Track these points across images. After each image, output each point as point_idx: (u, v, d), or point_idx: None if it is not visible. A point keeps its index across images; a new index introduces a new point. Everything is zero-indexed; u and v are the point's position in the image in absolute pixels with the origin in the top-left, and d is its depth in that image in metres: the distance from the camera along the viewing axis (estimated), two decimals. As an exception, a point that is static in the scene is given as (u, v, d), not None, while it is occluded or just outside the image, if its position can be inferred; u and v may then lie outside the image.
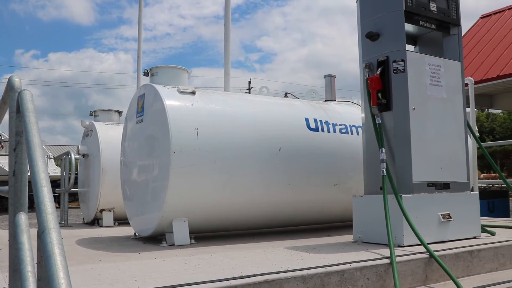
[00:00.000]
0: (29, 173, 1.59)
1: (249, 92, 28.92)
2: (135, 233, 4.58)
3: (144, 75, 4.62)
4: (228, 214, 4.24)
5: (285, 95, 5.40)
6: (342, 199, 4.63)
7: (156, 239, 4.12)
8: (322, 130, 4.70)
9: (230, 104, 4.37)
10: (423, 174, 3.61)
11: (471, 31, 13.59)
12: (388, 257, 2.90)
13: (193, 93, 4.20)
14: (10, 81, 1.92)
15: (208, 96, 4.30)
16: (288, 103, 4.85)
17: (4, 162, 14.66)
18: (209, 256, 3.18)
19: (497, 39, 12.12)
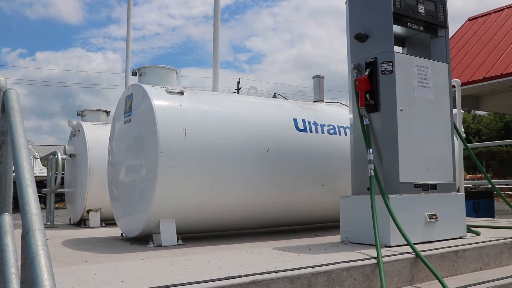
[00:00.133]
0: (14, 173, 1.57)
1: (238, 93, 28.88)
2: (122, 234, 4.56)
3: (132, 75, 4.60)
4: (215, 214, 4.23)
5: (274, 96, 5.41)
6: (329, 200, 4.65)
7: (143, 239, 4.10)
8: (310, 131, 4.71)
9: (218, 104, 4.36)
10: (410, 175, 3.63)
11: (458, 33, 13.73)
12: (375, 258, 2.91)
13: (182, 93, 4.18)
14: (-5, 80, 1.90)
15: (196, 96, 4.29)
16: (276, 104, 4.85)
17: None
18: (196, 256, 3.18)
19: (483, 42, 12.25)
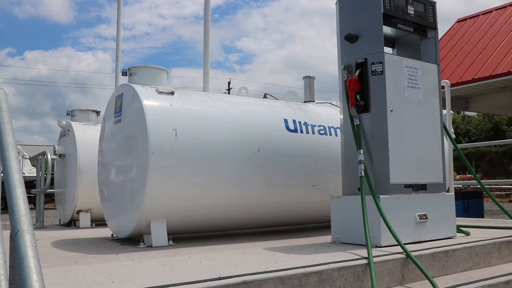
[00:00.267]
0: (2, 174, 1.56)
1: (229, 93, 28.89)
2: (112, 235, 4.53)
3: (122, 75, 4.58)
4: (206, 215, 4.23)
5: (264, 96, 5.41)
6: (320, 200, 4.65)
7: (134, 240, 4.08)
8: (301, 131, 4.72)
9: (209, 105, 4.35)
10: (400, 175, 3.65)
11: (447, 34, 13.83)
12: (365, 258, 2.92)
13: (172, 93, 4.17)
14: (-17, 79, 1.87)
15: (187, 97, 4.28)
16: (267, 104, 4.85)
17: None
18: (187, 257, 3.17)
19: (472, 43, 12.36)
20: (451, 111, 5.87)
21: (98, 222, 6.12)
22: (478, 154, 30.64)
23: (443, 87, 4.74)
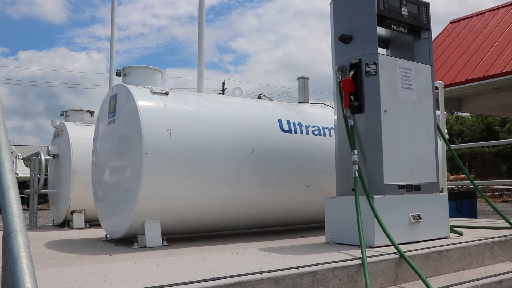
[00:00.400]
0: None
1: (223, 93, 28.87)
2: (106, 235, 4.52)
3: (116, 75, 4.55)
4: (200, 215, 4.22)
5: (259, 97, 5.41)
6: (314, 201, 4.66)
7: (128, 241, 4.07)
8: (295, 132, 4.73)
9: (203, 105, 4.35)
10: (394, 175, 3.66)
11: (441, 35, 13.89)
12: (359, 258, 2.93)
13: (166, 93, 4.16)
14: (-24, 79, 1.87)
15: (181, 97, 4.27)
16: (261, 105, 4.85)
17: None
18: (181, 257, 3.16)
19: (465, 44, 12.42)
20: (445, 112, 5.89)
21: (92, 222, 6.09)
22: (471, 154, 30.78)
23: (436, 88, 4.76)
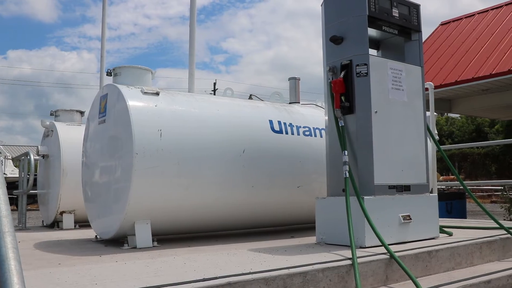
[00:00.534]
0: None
1: (214, 94, 28.87)
2: (96, 236, 4.49)
3: (107, 75, 4.53)
4: (191, 216, 4.21)
5: (250, 97, 5.41)
6: (305, 201, 4.67)
7: (118, 241, 4.05)
8: (286, 132, 4.73)
9: (194, 106, 4.34)
10: (384, 176, 3.67)
11: (431, 37, 13.98)
12: (350, 258, 2.93)
13: (157, 94, 4.15)
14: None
15: (172, 97, 4.26)
16: (252, 105, 4.85)
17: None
18: (171, 258, 3.15)
19: (455, 46, 12.51)
20: (435, 113, 5.92)
21: (82, 223, 6.06)
22: (461, 155, 31.03)
23: (427, 89, 4.80)
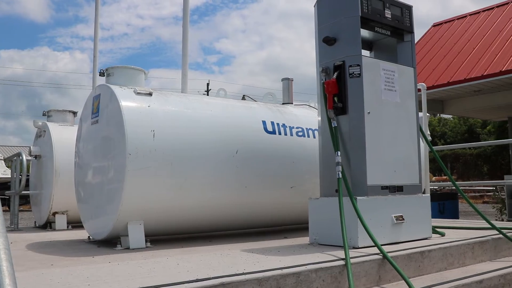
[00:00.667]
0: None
1: (207, 94, 28.83)
2: (89, 237, 4.48)
3: (100, 75, 4.52)
4: (184, 216, 4.21)
5: (243, 98, 5.41)
6: (298, 202, 4.67)
7: (111, 242, 4.03)
8: (279, 133, 4.74)
9: (187, 106, 4.34)
10: (377, 177, 3.69)
11: (423, 38, 14.05)
12: (343, 259, 2.94)
13: (150, 94, 4.14)
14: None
15: (165, 98, 4.26)
16: (245, 106, 4.85)
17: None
18: (164, 259, 3.15)
19: (447, 47, 12.58)
20: (427, 114, 5.95)
21: (75, 224, 6.03)
22: (454, 156, 31.17)
23: (419, 90, 4.82)
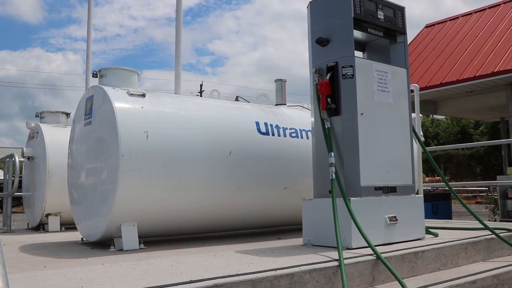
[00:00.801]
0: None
1: (201, 95, 28.85)
2: (82, 238, 4.46)
3: (93, 77, 4.51)
4: (178, 218, 4.20)
5: (236, 99, 5.42)
6: (292, 203, 4.68)
7: (104, 244, 4.02)
8: (273, 134, 4.74)
9: (180, 107, 4.33)
10: (370, 177, 3.70)
11: (416, 39, 14.11)
12: (336, 260, 2.95)
13: (143, 95, 4.14)
14: None
15: (158, 99, 4.25)
16: (238, 107, 4.86)
17: None
18: (158, 261, 3.14)
19: (440, 48, 12.64)
20: (420, 115, 5.97)
21: (68, 225, 6.01)
22: (447, 157, 31.31)
23: (412, 91, 4.83)
